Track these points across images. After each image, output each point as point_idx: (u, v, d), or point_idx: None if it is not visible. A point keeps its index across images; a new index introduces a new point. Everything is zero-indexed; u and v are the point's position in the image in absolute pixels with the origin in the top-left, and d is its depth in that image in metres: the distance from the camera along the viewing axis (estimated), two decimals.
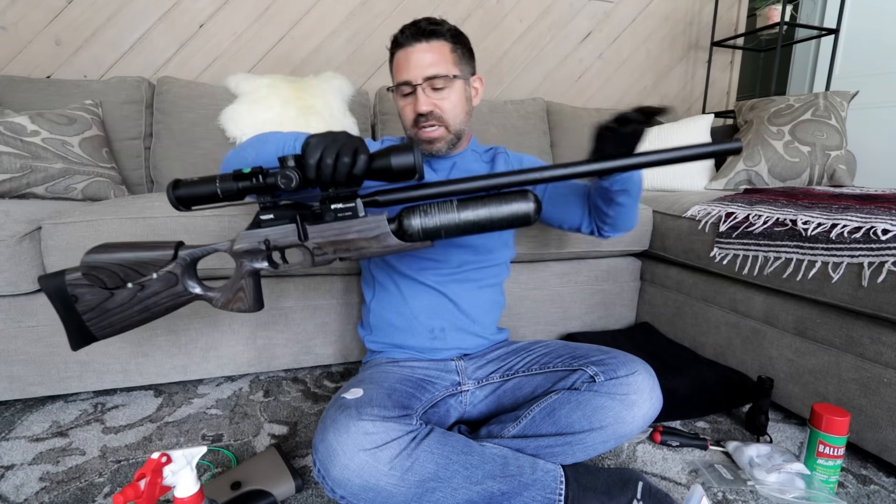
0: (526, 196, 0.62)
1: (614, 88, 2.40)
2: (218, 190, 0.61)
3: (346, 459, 0.63)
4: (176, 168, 1.53)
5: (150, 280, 0.65)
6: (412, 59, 0.84)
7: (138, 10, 1.70)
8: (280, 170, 0.59)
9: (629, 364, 0.79)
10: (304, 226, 0.64)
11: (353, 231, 0.63)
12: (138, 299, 0.66)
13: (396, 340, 0.92)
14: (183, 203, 0.63)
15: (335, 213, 0.63)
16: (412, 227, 0.62)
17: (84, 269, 0.64)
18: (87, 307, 0.65)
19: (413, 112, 0.86)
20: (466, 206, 0.62)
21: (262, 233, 0.65)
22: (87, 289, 0.64)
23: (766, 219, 1.09)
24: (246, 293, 0.68)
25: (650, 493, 0.73)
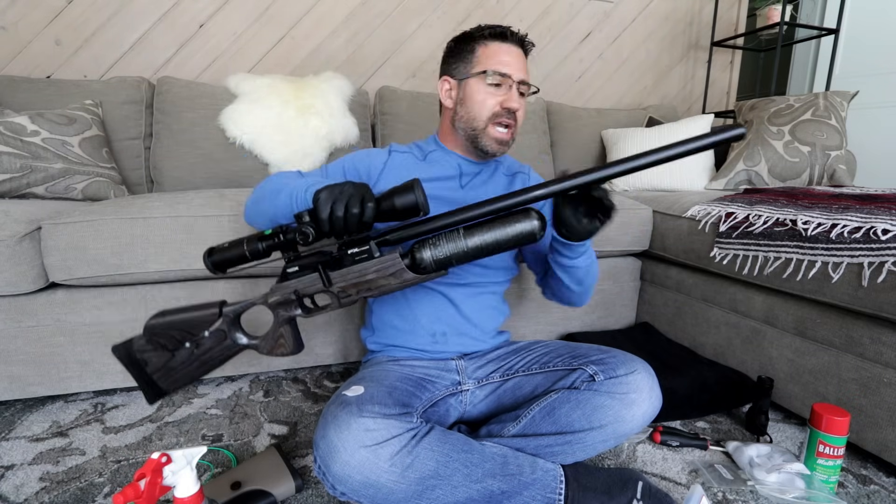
0: (528, 215, 0.64)
1: (614, 88, 2.40)
2: (246, 252, 0.69)
3: (346, 456, 0.63)
4: (176, 168, 1.53)
5: (203, 338, 0.73)
6: (516, 58, 0.85)
7: (138, 10, 1.70)
8: (297, 227, 0.65)
9: (629, 363, 0.79)
10: (327, 273, 0.69)
11: (372, 271, 0.67)
12: (195, 356, 0.74)
13: (398, 342, 0.92)
14: (219, 267, 0.71)
15: (353, 257, 0.68)
16: (424, 261, 0.66)
17: (147, 335, 0.73)
18: (154, 368, 0.74)
19: (498, 105, 0.85)
20: (472, 234, 0.65)
21: (290, 285, 0.71)
22: (153, 352, 0.73)
23: (766, 219, 1.09)
24: (286, 339, 0.74)
25: (650, 493, 0.73)
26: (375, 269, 0.67)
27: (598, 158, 2.00)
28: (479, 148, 0.89)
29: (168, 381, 0.74)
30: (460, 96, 0.89)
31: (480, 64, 0.85)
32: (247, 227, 1.08)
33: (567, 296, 0.93)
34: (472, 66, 0.86)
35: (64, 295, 1.05)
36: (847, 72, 2.24)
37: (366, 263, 0.67)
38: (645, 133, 1.83)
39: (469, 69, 0.87)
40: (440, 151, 0.95)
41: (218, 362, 0.75)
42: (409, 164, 0.93)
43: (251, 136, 1.52)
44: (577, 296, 0.93)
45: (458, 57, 0.89)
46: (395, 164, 0.92)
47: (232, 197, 1.15)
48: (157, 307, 1.10)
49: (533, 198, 0.63)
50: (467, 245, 0.64)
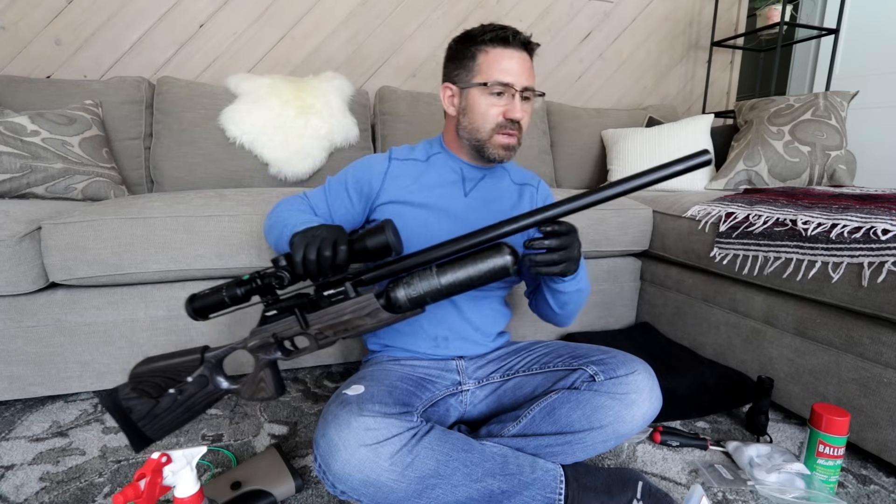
0: (500, 250, 0.64)
1: (614, 88, 2.40)
2: (226, 298, 0.69)
3: (347, 454, 0.63)
4: (176, 168, 1.53)
5: (186, 384, 0.74)
6: (518, 64, 0.82)
7: (138, 10, 1.70)
8: (273, 271, 0.67)
9: (629, 363, 0.79)
10: (304, 315, 0.70)
11: (348, 312, 0.68)
12: (179, 402, 0.75)
13: (398, 344, 0.92)
14: (200, 314, 0.72)
15: (329, 299, 0.69)
16: (399, 300, 0.66)
17: (132, 383, 0.74)
18: (139, 416, 0.75)
19: (501, 115, 0.83)
20: (445, 271, 0.65)
21: (268, 328, 0.72)
22: (137, 400, 0.74)
23: (766, 219, 1.09)
24: (266, 383, 0.74)
25: (650, 493, 0.73)
26: (351, 310, 0.67)
27: (598, 158, 2.00)
28: (486, 157, 0.87)
29: (154, 429, 0.76)
30: (463, 105, 0.86)
31: (482, 73, 0.83)
32: (247, 227, 1.08)
33: (549, 315, 0.94)
34: (474, 74, 0.84)
35: (64, 295, 1.05)
36: (847, 72, 2.24)
37: (342, 305, 0.68)
38: (645, 133, 1.83)
39: (470, 78, 0.84)
40: (444, 155, 0.93)
41: (202, 408, 0.76)
42: (410, 174, 0.91)
43: (251, 136, 1.52)
44: (559, 318, 0.93)
45: (459, 63, 0.86)
46: (396, 175, 0.90)
47: (232, 197, 1.15)
48: (157, 307, 1.10)
49: (504, 233, 0.64)
50: (440, 283, 0.65)
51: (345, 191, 0.91)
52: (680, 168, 0.59)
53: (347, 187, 0.91)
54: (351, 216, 0.92)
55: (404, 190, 0.89)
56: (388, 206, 0.89)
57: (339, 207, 0.91)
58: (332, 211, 0.91)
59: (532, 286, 0.97)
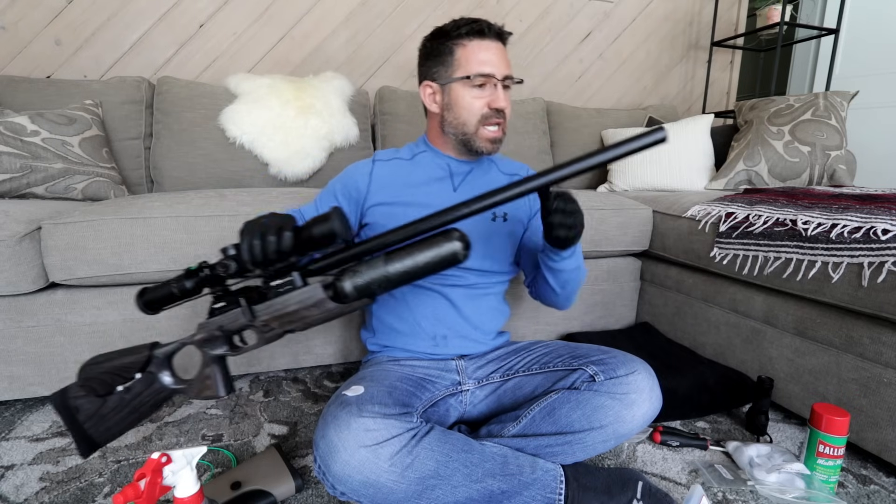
0: (449, 237, 0.62)
1: (614, 88, 2.40)
2: (174, 290, 0.68)
3: (346, 456, 0.63)
4: (176, 168, 1.53)
5: (134, 382, 0.72)
6: (497, 55, 0.83)
7: (138, 10, 1.70)
8: (220, 260, 0.65)
9: (629, 363, 0.79)
10: (250, 307, 0.68)
11: (294, 303, 0.66)
12: (126, 402, 0.72)
13: (398, 344, 0.92)
14: (151, 307, 0.70)
15: (276, 290, 0.67)
16: (345, 289, 0.64)
17: (80, 379, 0.72)
18: (86, 416, 0.72)
19: (486, 106, 0.84)
20: (393, 259, 0.63)
21: (215, 321, 0.70)
22: (85, 399, 0.72)
23: (766, 219, 1.09)
24: (213, 380, 0.71)
25: (650, 493, 0.73)
26: (297, 301, 0.65)
27: None
28: (473, 150, 0.88)
29: (100, 431, 0.73)
30: (446, 101, 0.87)
31: (462, 67, 0.83)
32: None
33: (551, 298, 0.94)
34: (454, 69, 0.84)
35: (64, 295, 1.05)
36: (847, 72, 2.24)
37: (288, 295, 0.66)
38: None
39: (450, 73, 0.84)
40: (430, 153, 0.94)
41: (149, 408, 0.74)
42: (395, 174, 0.92)
43: (251, 136, 1.52)
44: (560, 299, 0.93)
45: (437, 59, 0.86)
46: (381, 175, 0.92)
47: (232, 197, 1.15)
48: None
49: (455, 217, 0.62)
50: (388, 271, 0.63)
51: (334, 199, 0.93)
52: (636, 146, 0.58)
53: (337, 195, 0.93)
54: None
55: (392, 190, 0.90)
56: (377, 207, 0.90)
57: None
58: None
59: (531, 274, 0.97)
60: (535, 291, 0.98)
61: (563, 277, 0.87)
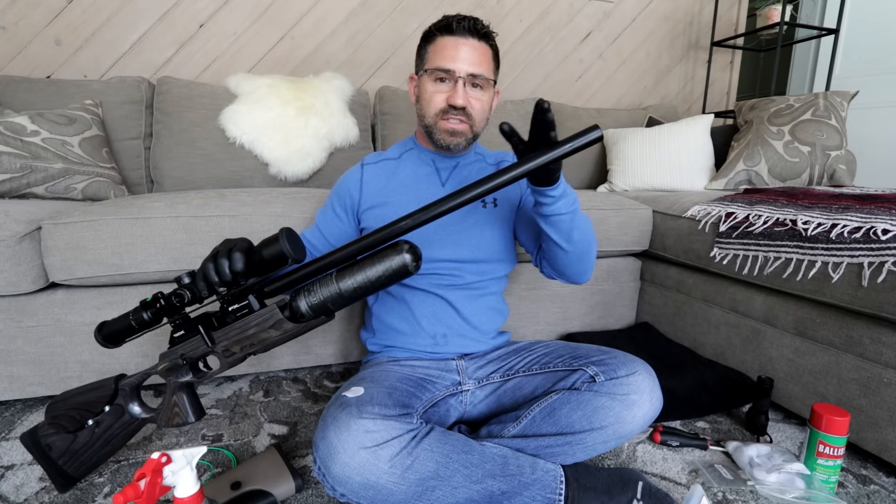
0: (398, 249, 0.62)
1: (614, 88, 2.40)
2: (132, 322, 0.69)
3: (346, 457, 0.63)
4: (176, 168, 1.53)
5: (103, 415, 0.73)
6: (462, 51, 0.83)
7: (138, 10, 1.70)
8: (175, 289, 0.67)
9: (629, 364, 0.79)
10: (208, 333, 0.69)
11: (252, 326, 0.66)
12: (97, 436, 0.73)
13: (398, 344, 0.92)
14: (111, 341, 0.71)
15: (234, 314, 0.67)
16: (300, 309, 0.65)
17: (49, 419, 0.72)
18: (59, 453, 0.72)
19: (444, 102, 0.84)
20: (344, 276, 0.64)
21: (177, 349, 0.71)
22: (56, 436, 0.72)
23: (766, 219, 1.09)
24: (181, 408, 0.72)
25: (650, 493, 0.73)
26: (255, 324, 0.66)
27: (598, 158, 2.00)
28: (435, 142, 0.89)
29: (75, 466, 0.73)
30: (418, 93, 0.90)
31: (429, 61, 0.86)
32: (248, 228, 1.08)
33: (563, 262, 0.85)
34: (424, 62, 0.87)
35: (64, 295, 1.05)
36: (847, 72, 2.24)
37: (246, 319, 0.66)
38: (645, 133, 1.83)
39: (422, 66, 0.87)
40: (416, 150, 0.96)
41: (121, 440, 0.75)
42: (383, 175, 0.94)
43: (251, 136, 1.52)
44: (573, 260, 0.84)
45: (419, 54, 0.90)
46: (370, 179, 0.94)
47: (232, 197, 1.15)
48: None
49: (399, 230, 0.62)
50: (340, 288, 0.63)
51: (332, 210, 0.95)
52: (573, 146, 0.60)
53: (334, 206, 0.95)
54: (344, 232, 0.94)
55: (381, 192, 0.92)
56: (370, 211, 0.91)
57: (331, 228, 0.94)
58: (326, 235, 0.95)
59: (535, 246, 0.92)
60: (546, 263, 0.90)
61: (563, 226, 0.78)
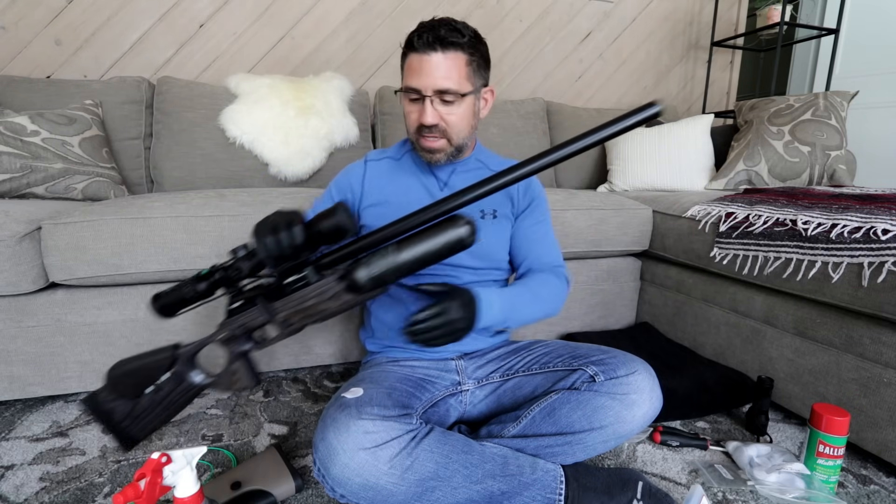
0: (456, 222, 0.63)
1: (614, 88, 2.40)
2: (187, 293, 0.70)
3: (346, 458, 0.63)
4: (176, 168, 1.53)
5: (162, 383, 0.75)
6: (425, 68, 0.79)
7: (138, 10, 1.70)
8: (232, 262, 0.67)
9: (629, 364, 0.79)
10: (268, 305, 0.69)
11: (311, 297, 0.67)
12: (157, 401, 0.75)
13: (397, 342, 0.92)
14: (165, 312, 0.73)
15: (291, 286, 0.68)
16: (360, 281, 0.65)
17: (109, 386, 0.75)
18: (122, 416, 0.75)
19: (417, 122, 0.83)
20: (402, 248, 0.64)
21: (236, 320, 0.72)
22: (117, 402, 0.75)
23: (766, 219, 1.09)
24: (240, 374, 0.74)
25: (650, 493, 0.73)
26: (314, 295, 0.67)
27: (598, 159, 2.00)
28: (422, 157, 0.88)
29: (137, 428, 0.76)
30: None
31: (403, 79, 0.84)
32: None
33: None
34: (402, 80, 0.85)
35: (64, 295, 1.05)
36: (847, 72, 2.24)
37: (304, 290, 0.67)
38: (645, 133, 1.83)
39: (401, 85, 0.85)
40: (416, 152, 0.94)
41: (181, 404, 0.76)
42: (386, 174, 0.93)
43: (251, 136, 1.52)
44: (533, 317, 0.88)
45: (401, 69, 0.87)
46: (373, 176, 0.93)
47: (232, 197, 1.15)
48: None
49: (461, 203, 0.63)
50: (399, 260, 0.64)
51: (331, 200, 0.94)
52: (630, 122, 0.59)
53: (333, 197, 0.94)
54: None
55: (383, 191, 0.91)
56: (371, 209, 0.91)
57: None
58: None
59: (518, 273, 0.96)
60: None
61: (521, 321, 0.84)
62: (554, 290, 0.89)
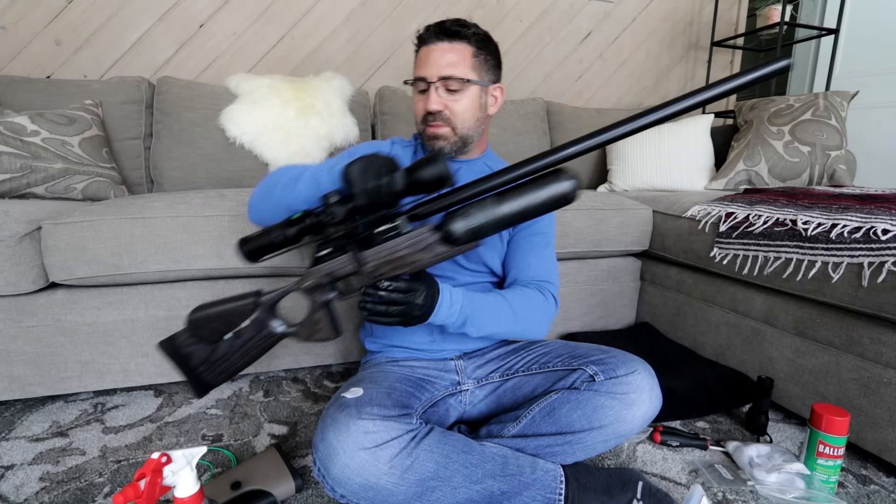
0: (560, 176, 0.60)
1: (614, 88, 2.40)
2: (278, 239, 0.69)
3: (346, 458, 0.63)
4: (176, 168, 1.53)
5: (243, 329, 0.74)
6: (431, 57, 0.83)
7: (138, 10, 1.70)
8: (325, 207, 0.65)
9: (629, 363, 0.79)
10: (359, 253, 0.68)
11: (404, 247, 0.66)
12: (235, 347, 0.75)
13: (395, 341, 0.92)
14: (251, 257, 0.72)
15: (382, 235, 0.67)
16: (456, 232, 0.64)
17: (190, 329, 0.74)
18: (199, 361, 0.75)
19: (423, 109, 0.85)
20: (504, 200, 0.62)
21: (323, 268, 0.70)
22: (196, 346, 0.74)
23: (766, 219, 1.09)
24: (323, 324, 0.73)
25: (650, 493, 0.73)
26: (407, 245, 0.65)
27: (598, 159, 2.00)
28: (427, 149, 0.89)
29: (213, 374, 0.75)
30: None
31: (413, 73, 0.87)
32: (248, 227, 1.08)
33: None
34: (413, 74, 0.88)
35: (64, 295, 1.05)
36: (847, 72, 2.24)
37: (397, 240, 0.66)
38: (645, 133, 1.83)
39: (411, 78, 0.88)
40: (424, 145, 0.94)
41: (258, 352, 0.76)
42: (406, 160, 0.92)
43: (251, 136, 1.52)
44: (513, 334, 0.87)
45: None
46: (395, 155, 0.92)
47: (232, 197, 1.15)
48: (157, 307, 1.10)
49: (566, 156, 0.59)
50: (500, 212, 0.62)
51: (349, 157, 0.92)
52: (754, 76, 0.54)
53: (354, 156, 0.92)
54: None
55: None
56: None
57: None
58: None
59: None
60: None
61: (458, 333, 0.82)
62: (533, 306, 0.86)
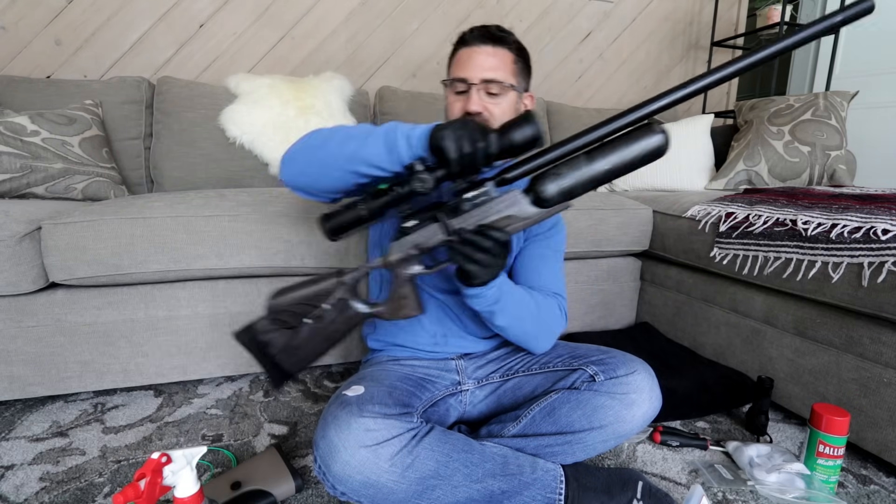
0: (651, 129, 0.59)
1: (614, 88, 2.40)
2: (364, 213, 0.66)
3: (347, 456, 0.63)
4: (176, 168, 1.53)
5: (326, 310, 0.71)
6: (475, 59, 0.83)
7: (138, 10, 1.70)
8: (414, 176, 0.62)
9: (629, 363, 0.79)
10: (448, 222, 0.65)
11: (494, 213, 0.64)
12: (318, 331, 0.71)
13: (398, 340, 0.92)
14: (335, 233, 0.69)
15: (471, 202, 0.64)
16: (548, 192, 0.62)
17: (270, 315, 0.70)
18: (277, 349, 0.71)
19: (462, 110, 0.84)
20: (594, 158, 0.60)
21: (409, 240, 0.68)
22: (275, 333, 0.70)
23: (766, 219, 1.09)
24: (409, 300, 0.71)
25: (650, 493, 0.73)
26: (497, 210, 0.63)
27: None
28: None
29: (291, 361, 0.72)
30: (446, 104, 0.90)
31: (449, 73, 0.87)
32: (248, 227, 1.08)
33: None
34: (447, 75, 0.88)
35: (64, 295, 1.05)
36: (847, 72, 2.24)
37: (486, 205, 0.63)
38: None
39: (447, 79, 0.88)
40: None
41: (341, 335, 0.73)
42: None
43: (251, 136, 1.52)
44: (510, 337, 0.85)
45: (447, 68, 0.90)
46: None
47: (232, 197, 1.15)
48: (157, 307, 1.10)
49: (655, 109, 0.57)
50: (592, 170, 0.60)
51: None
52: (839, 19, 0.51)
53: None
54: None
55: None
56: None
57: None
58: None
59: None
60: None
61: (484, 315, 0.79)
62: (550, 312, 0.85)
